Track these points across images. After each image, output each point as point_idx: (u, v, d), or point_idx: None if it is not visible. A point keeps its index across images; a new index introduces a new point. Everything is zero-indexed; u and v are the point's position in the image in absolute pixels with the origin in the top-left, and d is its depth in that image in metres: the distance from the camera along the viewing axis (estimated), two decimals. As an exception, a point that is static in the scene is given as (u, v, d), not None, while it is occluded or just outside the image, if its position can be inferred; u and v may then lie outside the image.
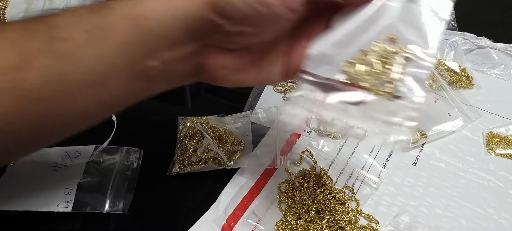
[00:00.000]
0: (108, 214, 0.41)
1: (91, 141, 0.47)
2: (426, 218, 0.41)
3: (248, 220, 0.40)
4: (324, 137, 0.48)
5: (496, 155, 0.47)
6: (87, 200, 0.42)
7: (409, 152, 0.47)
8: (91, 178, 0.43)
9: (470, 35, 0.62)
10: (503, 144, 0.48)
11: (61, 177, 0.43)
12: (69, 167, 0.44)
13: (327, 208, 0.41)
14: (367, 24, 0.29)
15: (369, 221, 0.41)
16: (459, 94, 0.53)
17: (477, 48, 0.61)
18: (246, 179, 0.44)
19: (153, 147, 0.47)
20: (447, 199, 0.43)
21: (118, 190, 0.43)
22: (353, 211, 0.41)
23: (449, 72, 0.56)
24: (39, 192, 0.41)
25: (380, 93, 0.28)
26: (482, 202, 0.43)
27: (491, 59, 0.59)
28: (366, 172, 0.45)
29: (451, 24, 0.63)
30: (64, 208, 0.41)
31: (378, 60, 0.28)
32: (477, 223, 0.41)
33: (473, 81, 0.56)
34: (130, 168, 0.45)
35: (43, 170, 0.43)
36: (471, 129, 0.50)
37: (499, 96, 0.54)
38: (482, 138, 0.49)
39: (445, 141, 0.49)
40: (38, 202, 0.41)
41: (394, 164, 0.46)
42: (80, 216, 0.41)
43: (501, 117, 0.52)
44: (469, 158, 0.47)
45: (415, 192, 0.43)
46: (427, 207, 0.42)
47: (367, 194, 0.43)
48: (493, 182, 0.44)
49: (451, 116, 0.51)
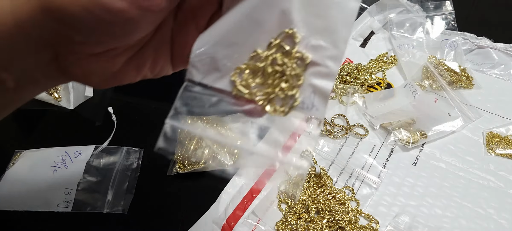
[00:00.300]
0: (108, 214, 0.41)
1: (91, 141, 0.47)
2: (426, 218, 0.41)
3: (248, 220, 0.40)
4: (323, 137, 0.48)
5: (496, 155, 0.47)
6: (87, 200, 0.41)
7: (409, 152, 0.47)
8: (91, 178, 0.43)
9: (470, 35, 0.62)
10: (503, 144, 0.48)
11: (61, 177, 0.43)
12: (69, 167, 0.44)
13: (327, 208, 0.41)
14: (261, 12, 0.23)
15: (369, 221, 0.41)
16: (459, 94, 0.53)
17: (477, 48, 0.61)
18: (246, 179, 0.44)
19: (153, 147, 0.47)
20: (447, 199, 0.43)
21: (118, 190, 0.43)
22: (353, 211, 0.41)
23: (449, 72, 0.56)
24: (39, 192, 0.41)
25: (274, 112, 0.24)
26: (482, 202, 0.43)
27: (491, 59, 0.59)
28: (366, 172, 0.45)
29: (451, 24, 0.63)
30: (64, 208, 0.41)
31: (272, 68, 0.23)
32: (477, 223, 0.41)
33: (473, 81, 0.56)
34: (130, 168, 0.45)
35: (43, 170, 0.43)
36: (471, 129, 0.50)
37: (499, 96, 0.54)
38: (482, 138, 0.49)
39: (445, 141, 0.49)
40: (38, 202, 0.41)
41: (394, 164, 0.46)
42: (80, 216, 0.41)
43: (501, 117, 0.52)
44: (469, 158, 0.47)
45: (415, 192, 0.43)
46: (427, 207, 0.42)
47: (367, 194, 0.43)
48: (493, 182, 0.44)
49: (451, 116, 0.51)
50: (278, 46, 0.23)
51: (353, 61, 0.60)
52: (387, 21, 0.65)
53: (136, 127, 0.50)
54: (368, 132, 0.50)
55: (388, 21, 0.65)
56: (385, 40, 0.64)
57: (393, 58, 0.60)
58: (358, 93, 0.54)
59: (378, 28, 0.66)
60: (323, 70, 0.23)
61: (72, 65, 0.24)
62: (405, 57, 0.59)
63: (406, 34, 0.63)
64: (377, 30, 0.66)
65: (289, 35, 0.23)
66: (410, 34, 0.62)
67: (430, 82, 0.55)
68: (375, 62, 0.60)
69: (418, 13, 0.64)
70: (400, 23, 0.64)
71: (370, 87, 0.56)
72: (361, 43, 0.64)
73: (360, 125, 0.50)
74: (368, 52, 0.62)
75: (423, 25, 0.63)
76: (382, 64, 0.60)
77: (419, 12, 0.64)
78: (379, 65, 0.59)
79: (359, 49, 0.63)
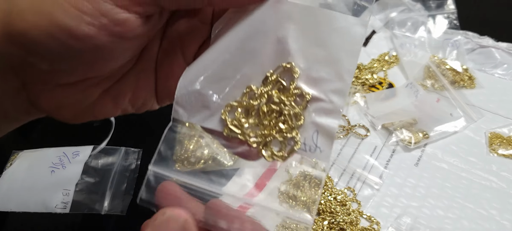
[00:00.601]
0: (107, 215, 0.40)
1: (89, 141, 0.46)
2: (428, 219, 0.41)
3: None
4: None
5: (498, 155, 0.47)
6: (85, 201, 0.41)
7: (411, 153, 0.47)
8: (89, 179, 0.43)
9: (472, 34, 0.62)
10: (505, 144, 0.47)
11: (59, 178, 0.43)
12: (67, 167, 0.44)
13: (328, 209, 0.40)
14: (254, 42, 0.21)
15: (370, 222, 0.40)
16: (461, 94, 0.53)
17: (479, 47, 0.61)
18: (246, 179, 0.44)
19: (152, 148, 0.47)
20: (449, 200, 0.42)
21: (117, 191, 0.42)
22: (354, 212, 0.40)
23: (451, 71, 0.55)
24: (36, 193, 0.41)
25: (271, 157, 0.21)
26: (484, 203, 0.42)
27: (494, 58, 0.59)
28: (368, 173, 0.44)
29: (453, 23, 0.63)
30: (62, 209, 0.40)
31: (268, 108, 0.21)
32: (479, 224, 0.40)
33: (475, 81, 0.55)
34: (128, 169, 0.44)
35: (40, 170, 0.43)
36: (473, 129, 0.50)
37: (502, 96, 0.54)
38: (485, 138, 0.49)
39: (447, 141, 0.48)
40: (35, 203, 0.40)
41: (395, 165, 0.46)
42: (78, 217, 0.40)
43: (504, 117, 0.51)
44: (471, 158, 0.46)
45: (417, 193, 0.43)
46: (429, 208, 0.42)
47: (369, 195, 0.43)
48: (496, 182, 0.44)
49: (453, 116, 0.50)
50: (275, 81, 0.21)
51: (354, 60, 0.60)
52: (389, 20, 0.64)
53: (135, 128, 0.50)
54: (370, 132, 0.49)
55: (390, 20, 0.64)
56: (387, 39, 0.64)
57: (395, 58, 0.60)
58: (359, 93, 0.54)
59: (380, 27, 0.65)
60: (327, 106, 0.20)
61: (41, 96, 0.21)
62: (407, 56, 0.59)
63: (407, 33, 0.62)
64: (378, 29, 0.65)
65: (287, 69, 0.21)
66: (412, 33, 0.62)
67: (432, 82, 0.55)
68: (376, 61, 0.59)
69: (420, 12, 0.64)
70: (401, 22, 0.63)
71: (371, 87, 0.56)
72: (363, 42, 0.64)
73: (361, 125, 0.50)
74: (370, 51, 0.62)
75: (425, 24, 0.62)
76: (383, 63, 0.59)
77: (421, 11, 0.64)
78: (381, 65, 0.59)
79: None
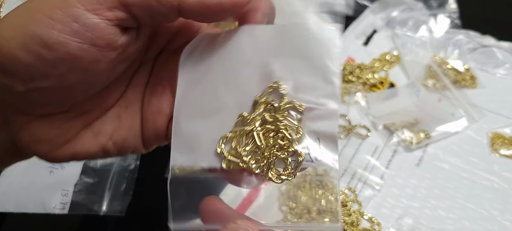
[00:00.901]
0: (106, 216, 0.40)
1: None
2: (429, 220, 0.40)
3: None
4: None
5: (500, 155, 0.46)
6: (84, 201, 0.41)
7: (412, 153, 0.47)
8: (88, 179, 0.43)
9: (474, 33, 0.61)
10: (507, 145, 0.47)
11: (57, 178, 0.42)
12: (66, 168, 0.43)
13: (328, 209, 0.40)
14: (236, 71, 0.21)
15: (371, 223, 0.40)
16: (463, 94, 0.53)
17: (481, 47, 0.60)
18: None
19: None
20: (451, 200, 0.42)
21: (116, 191, 0.42)
22: (355, 213, 0.40)
23: (452, 71, 0.55)
24: (35, 193, 0.41)
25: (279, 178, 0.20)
26: (486, 203, 0.42)
27: (495, 58, 0.59)
28: (369, 173, 0.44)
29: (454, 22, 0.62)
30: (60, 210, 0.40)
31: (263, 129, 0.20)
32: (481, 224, 0.40)
33: (477, 81, 0.55)
34: (127, 169, 0.44)
35: (39, 171, 0.43)
36: (475, 129, 0.49)
37: (504, 96, 0.54)
38: (486, 138, 0.48)
39: (449, 141, 0.48)
40: (34, 204, 0.40)
41: (397, 165, 0.45)
42: (77, 218, 0.40)
43: (506, 117, 0.51)
44: (473, 158, 0.46)
45: (418, 194, 0.43)
46: (430, 208, 0.41)
47: (370, 195, 0.42)
48: (497, 183, 0.44)
49: (454, 116, 0.50)
50: (265, 103, 0.21)
51: (355, 60, 0.59)
52: (390, 19, 0.64)
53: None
54: (371, 132, 0.49)
55: (391, 19, 0.64)
56: (388, 39, 0.63)
57: (396, 57, 0.60)
58: (360, 93, 0.54)
59: (381, 26, 0.65)
60: (321, 112, 0.20)
61: (21, 131, 0.21)
62: (408, 56, 0.58)
63: (409, 33, 0.62)
64: (379, 29, 0.65)
65: (274, 88, 0.21)
66: (413, 32, 0.62)
67: (433, 81, 0.54)
68: (377, 61, 0.59)
69: (421, 11, 0.63)
70: (403, 22, 0.63)
71: (372, 87, 0.55)
72: (364, 41, 0.63)
73: (362, 125, 0.50)
74: (371, 51, 0.61)
75: (426, 24, 0.62)
76: (384, 63, 0.59)
77: (422, 10, 0.64)
78: (382, 64, 0.59)
79: (361, 47, 0.62)
